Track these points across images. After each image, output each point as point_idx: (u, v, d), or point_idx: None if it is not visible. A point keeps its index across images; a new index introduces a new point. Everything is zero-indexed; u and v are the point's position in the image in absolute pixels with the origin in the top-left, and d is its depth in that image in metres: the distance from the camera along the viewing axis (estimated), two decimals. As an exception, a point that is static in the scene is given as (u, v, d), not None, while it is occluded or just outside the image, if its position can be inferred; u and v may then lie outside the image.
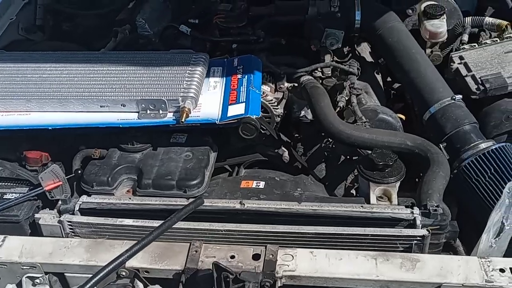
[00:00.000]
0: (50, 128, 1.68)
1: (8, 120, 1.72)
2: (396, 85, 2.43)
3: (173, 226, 1.48)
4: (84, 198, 1.64)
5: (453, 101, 1.86)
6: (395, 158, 1.65)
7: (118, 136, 1.76)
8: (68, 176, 1.70)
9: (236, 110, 1.69)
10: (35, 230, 1.63)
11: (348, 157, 1.96)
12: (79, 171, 1.71)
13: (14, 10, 2.47)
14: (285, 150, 2.03)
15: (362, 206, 1.56)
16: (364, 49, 2.40)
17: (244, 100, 1.72)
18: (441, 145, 1.80)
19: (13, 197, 1.69)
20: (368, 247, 1.47)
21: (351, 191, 1.96)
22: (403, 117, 2.23)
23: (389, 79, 2.43)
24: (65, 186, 1.69)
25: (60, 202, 1.63)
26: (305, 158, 2.06)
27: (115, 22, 2.59)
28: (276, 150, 2.03)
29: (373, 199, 1.60)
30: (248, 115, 1.67)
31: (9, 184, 1.75)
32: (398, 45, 2.06)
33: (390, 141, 1.75)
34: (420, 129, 1.98)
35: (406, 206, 1.54)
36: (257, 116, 1.69)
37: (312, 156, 2.06)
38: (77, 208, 1.61)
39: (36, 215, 1.62)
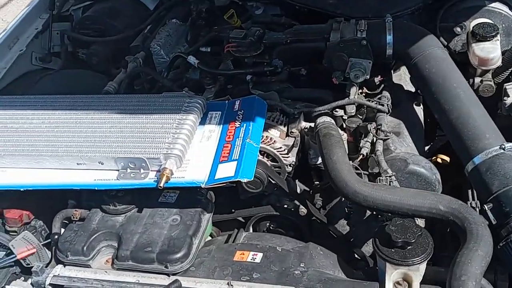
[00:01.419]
0: (22, 189, 1.51)
1: (-19, 178, 1.57)
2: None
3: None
4: (57, 270, 1.46)
5: (502, 150, 1.49)
6: (419, 232, 1.33)
7: (101, 194, 1.56)
8: (45, 242, 1.53)
9: (226, 171, 1.43)
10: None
11: (374, 212, 1.64)
12: (56, 235, 1.53)
13: (24, 41, 2.35)
14: (301, 202, 1.74)
15: (373, 297, 1.25)
16: (404, 75, 2.05)
17: (237, 158, 1.46)
18: (486, 207, 1.45)
19: (-12, 263, 1.56)
20: None
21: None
22: (447, 159, 1.87)
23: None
24: (41, 252, 1.54)
25: (32, 274, 1.47)
26: (324, 212, 1.77)
27: (130, 49, 2.43)
28: (293, 201, 1.75)
29: (389, 285, 1.29)
30: (237, 179, 1.40)
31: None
32: (436, 77, 1.70)
33: (418, 205, 1.41)
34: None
35: (430, 300, 1.22)
36: (249, 179, 1.42)
37: (332, 210, 1.76)
38: (48, 282, 1.44)
39: (7, 287, 1.46)
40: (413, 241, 1.31)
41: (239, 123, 1.59)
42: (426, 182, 1.60)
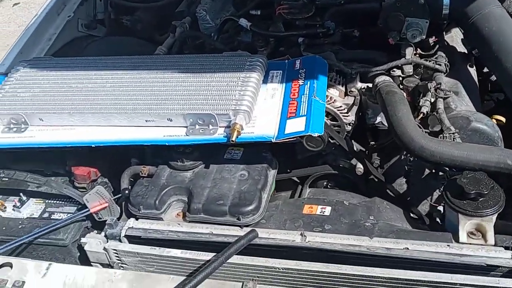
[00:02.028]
0: (93, 146, 1.54)
1: (52, 136, 1.61)
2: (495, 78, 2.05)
3: (224, 261, 1.31)
4: (130, 222, 1.50)
5: None
6: (491, 184, 1.34)
7: (169, 150, 1.59)
8: (116, 197, 1.57)
9: (295, 126, 1.45)
10: (85, 252, 1.52)
11: (433, 171, 1.66)
12: (126, 191, 1.57)
13: (70, 7, 2.37)
14: (358, 161, 1.76)
15: (448, 246, 1.28)
16: (455, 37, 2.04)
17: (305, 114, 1.48)
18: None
19: (60, 217, 1.60)
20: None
21: (438, 208, 1.67)
22: (503, 119, 1.87)
23: (486, 69, 2.06)
24: (113, 207, 1.56)
25: (106, 226, 1.51)
26: (382, 171, 1.79)
27: (175, 14, 2.43)
28: (349, 161, 1.77)
29: (463, 236, 1.32)
30: (308, 133, 1.42)
31: (58, 202, 1.66)
32: (496, 36, 1.70)
33: (485, 160, 1.43)
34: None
35: (506, 248, 1.25)
36: (319, 134, 1.44)
37: (391, 169, 1.78)
38: (123, 234, 1.48)
39: (83, 240, 1.52)
40: (486, 192, 1.33)
41: (302, 81, 1.60)
42: (489, 139, 1.61)
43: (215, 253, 1.37)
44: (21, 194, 1.66)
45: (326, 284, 1.31)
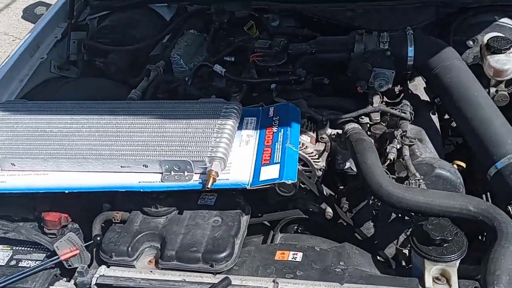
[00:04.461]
0: (66, 192, 1.54)
1: (24, 181, 1.60)
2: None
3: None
4: (102, 270, 1.49)
5: (524, 155, 1.59)
6: (455, 231, 1.40)
7: (142, 196, 1.60)
8: (87, 243, 1.56)
9: (270, 173, 1.49)
10: (53, 300, 1.50)
11: (399, 215, 1.72)
12: (98, 237, 1.56)
13: (44, 49, 2.39)
14: (328, 205, 1.81)
15: (416, 291, 1.32)
16: (418, 85, 2.14)
17: (279, 161, 1.52)
18: (510, 208, 1.54)
19: (29, 265, 1.57)
20: None
21: (403, 251, 1.73)
22: (463, 164, 1.96)
23: (446, 116, 2.17)
24: (83, 254, 1.54)
25: (76, 274, 1.50)
26: (350, 215, 1.84)
27: (149, 58, 2.48)
28: (318, 205, 1.82)
29: (428, 281, 1.36)
30: (282, 181, 1.47)
31: (27, 248, 1.63)
32: (457, 87, 1.81)
33: (448, 206, 1.50)
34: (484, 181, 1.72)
35: (469, 293, 1.30)
36: (293, 181, 1.48)
37: (359, 213, 1.83)
38: (93, 282, 1.46)
39: (51, 288, 1.49)
40: (450, 238, 1.39)
41: (276, 128, 1.66)
42: (452, 185, 1.69)
43: (188, 301, 1.38)
44: (-14, 240, 1.63)
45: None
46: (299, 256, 1.50)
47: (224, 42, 2.30)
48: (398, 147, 1.76)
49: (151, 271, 1.48)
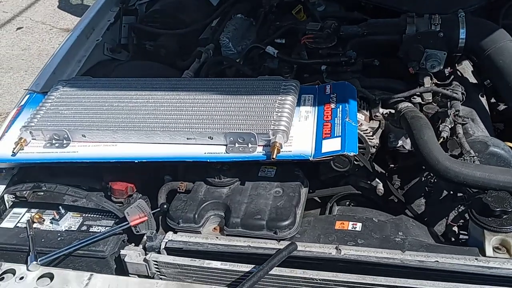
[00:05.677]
0: (136, 161, 1.62)
1: (95, 151, 1.68)
2: (502, 107, 2.19)
3: (263, 272, 1.38)
4: (170, 235, 1.57)
5: None
6: (515, 203, 1.45)
7: (205, 168, 1.68)
8: (154, 211, 1.64)
9: (332, 145, 1.55)
10: (121, 264, 1.58)
11: (451, 192, 1.76)
12: (165, 205, 1.64)
13: (99, 31, 2.48)
14: (380, 182, 1.86)
15: (476, 259, 1.37)
16: (466, 69, 2.17)
17: (340, 134, 1.58)
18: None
19: (99, 230, 1.66)
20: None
21: (453, 229, 1.77)
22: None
23: (493, 100, 2.20)
24: (151, 221, 1.62)
25: (145, 238, 1.58)
26: (402, 192, 1.89)
27: (198, 41, 2.55)
28: (370, 182, 1.87)
29: (489, 250, 1.41)
30: (345, 152, 1.52)
31: (95, 215, 1.72)
32: (511, 68, 1.83)
33: (505, 181, 1.54)
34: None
35: (531, 262, 1.34)
36: (355, 153, 1.54)
37: (410, 190, 1.88)
38: (163, 246, 1.54)
39: (122, 252, 1.57)
40: (510, 210, 1.43)
41: (334, 105, 1.71)
42: (505, 163, 1.72)
43: (253, 265, 1.44)
44: (60, 207, 1.72)
45: (362, 295, 1.38)
46: (358, 226, 1.56)
47: (273, 26, 2.36)
48: (451, 126, 1.80)
49: (217, 237, 1.55)
